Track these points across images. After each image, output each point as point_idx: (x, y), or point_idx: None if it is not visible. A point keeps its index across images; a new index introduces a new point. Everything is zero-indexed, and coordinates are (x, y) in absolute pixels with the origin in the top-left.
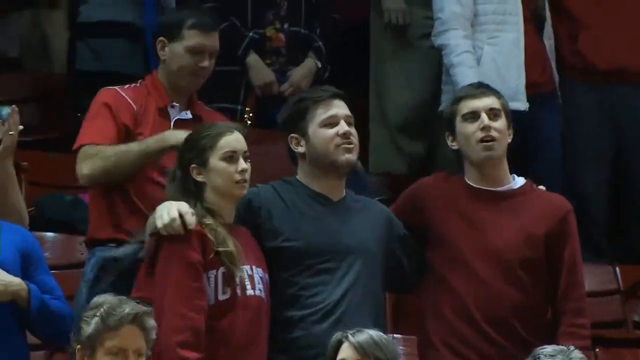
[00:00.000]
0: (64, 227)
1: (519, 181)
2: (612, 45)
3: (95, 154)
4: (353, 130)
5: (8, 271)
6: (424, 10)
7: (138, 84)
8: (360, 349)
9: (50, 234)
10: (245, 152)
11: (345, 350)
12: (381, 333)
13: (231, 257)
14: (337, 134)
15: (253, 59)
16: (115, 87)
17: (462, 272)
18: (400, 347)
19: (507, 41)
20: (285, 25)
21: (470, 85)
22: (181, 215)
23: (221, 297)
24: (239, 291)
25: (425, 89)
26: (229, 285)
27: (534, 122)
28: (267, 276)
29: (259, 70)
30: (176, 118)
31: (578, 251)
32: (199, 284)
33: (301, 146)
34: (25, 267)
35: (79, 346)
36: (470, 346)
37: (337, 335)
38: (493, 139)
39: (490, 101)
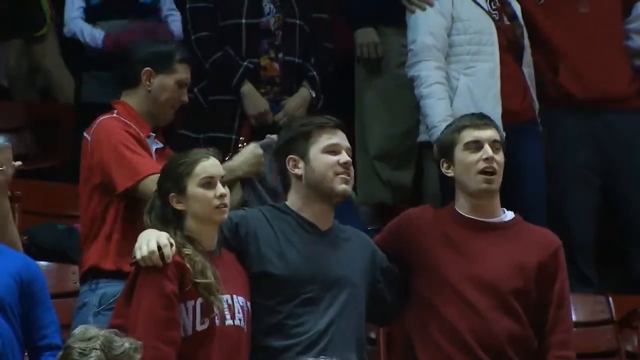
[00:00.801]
0: (57, 256)
1: (509, 214)
2: (592, 75)
3: None
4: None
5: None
6: (401, 38)
7: (114, 114)
8: None
9: (43, 263)
10: (222, 176)
11: None
12: None
13: (209, 289)
14: (338, 162)
15: (247, 88)
16: (114, 116)
17: (454, 301)
18: None
19: (483, 71)
20: (280, 55)
21: (473, 115)
22: (159, 248)
23: (199, 328)
24: (217, 321)
25: (406, 118)
26: (207, 316)
27: (516, 151)
28: (248, 304)
29: (254, 99)
30: (155, 147)
31: (567, 286)
32: (172, 315)
33: (299, 168)
34: (23, 296)
35: None
36: None
37: None
38: (494, 171)
39: (492, 133)
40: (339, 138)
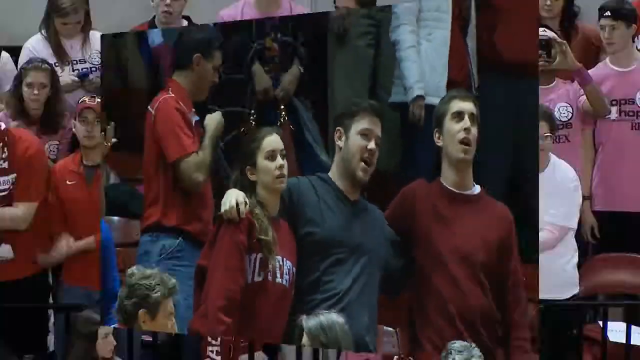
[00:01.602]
0: (122, 211)
1: (477, 187)
2: (526, 36)
3: (202, 162)
4: (377, 152)
5: None
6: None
7: (170, 92)
8: (309, 333)
9: (115, 218)
10: (282, 150)
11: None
12: (334, 317)
13: (268, 246)
14: (365, 148)
15: (257, 67)
16: (172, 95)
17: (441, 272)
18: None
19: (440, 38)
20: (278, 35)
21: (460, 88)
22: (237, 204)
23: (256, 279)
24: (270, 277)
25: (364, 89)
26: (263, 270)
27: None
28: (294, 270)
29: (261, 77)
30: (195, 120)
31: (519, 263)
32: (241, 264)
33: (341, 141)
34: None
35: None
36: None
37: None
38: (469, 143)
39: (472, 106)
40: (374, 125)
